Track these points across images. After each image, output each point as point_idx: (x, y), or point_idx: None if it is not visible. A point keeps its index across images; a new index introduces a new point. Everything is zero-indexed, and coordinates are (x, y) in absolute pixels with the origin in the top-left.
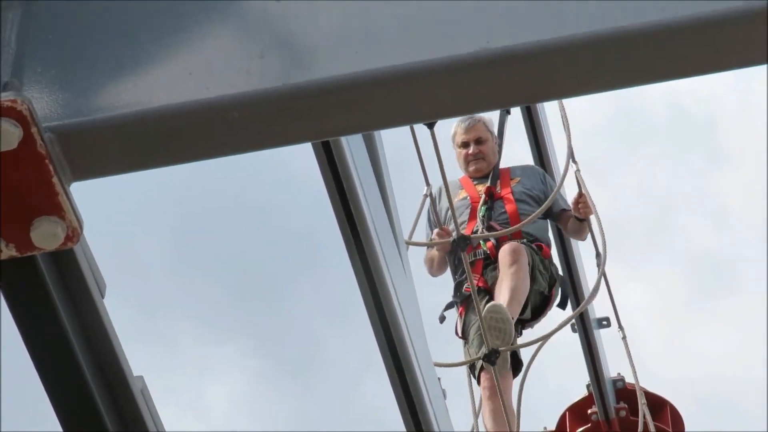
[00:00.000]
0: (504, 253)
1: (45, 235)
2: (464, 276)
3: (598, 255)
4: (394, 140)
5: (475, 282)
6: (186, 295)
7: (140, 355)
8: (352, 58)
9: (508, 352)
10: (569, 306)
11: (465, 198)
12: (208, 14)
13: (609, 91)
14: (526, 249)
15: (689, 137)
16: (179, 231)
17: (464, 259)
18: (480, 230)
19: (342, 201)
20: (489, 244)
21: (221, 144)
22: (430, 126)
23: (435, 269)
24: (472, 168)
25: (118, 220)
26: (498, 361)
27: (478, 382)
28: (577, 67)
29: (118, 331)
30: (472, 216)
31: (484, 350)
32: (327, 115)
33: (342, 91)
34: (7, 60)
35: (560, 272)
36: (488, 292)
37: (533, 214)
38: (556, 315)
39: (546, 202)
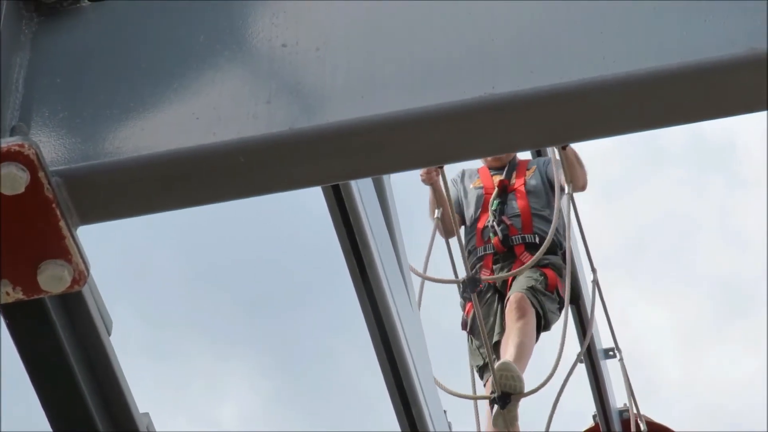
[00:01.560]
0: (511, 306)
1: (52, 279)
2: (474, 272)
3: (593, 270)
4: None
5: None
6: (199, 312)
7: (152, 371)
8: (359, 103)
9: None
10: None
11: (480, 187)
12: (215, 59)
13: (616, 135)
14: (533, 298)
15: (709, 160)
16: (194, 247)
17: (474, 300)
18: (491, 224)
19: (348, 234)
20: (495, 239)
21: (228, 188)
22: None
23: (444, 233)
24: (490, 157)
25: (133, 237)
26: (509, 406)
27: (484, 384)
28: (582, 113)
29: (130, 346)
30: (484, 209)
31: (494, 392)
32: (334, 160)
33: (348, 137)
34: (15, 104)
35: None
36: (496, 290)
37: (537, 254)
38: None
39: (547, 239)
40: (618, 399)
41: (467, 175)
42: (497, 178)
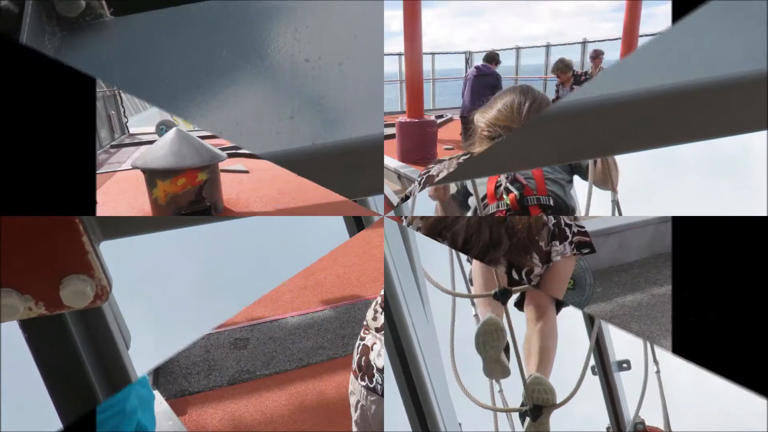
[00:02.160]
0: (528, 307)
1: (74, 294)
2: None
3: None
4: None
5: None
6: (207, 317)
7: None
8: (380, 119)
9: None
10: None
11: None
12: (238, 74)
13: (639, 151)
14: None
15: (719, 165)
16: (208, 255)
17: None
18: (504, 183)
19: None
20: (511, 196)
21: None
22: None
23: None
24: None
25: (146, 244)
26: (541, 418)
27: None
28: (607, 127)
29: (133, 350)
30: None
31: (524, 404)
32: (355, 175)
33: (370, 152)
34: None
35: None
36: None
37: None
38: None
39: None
40: (631, 411)
41: None
42: None
